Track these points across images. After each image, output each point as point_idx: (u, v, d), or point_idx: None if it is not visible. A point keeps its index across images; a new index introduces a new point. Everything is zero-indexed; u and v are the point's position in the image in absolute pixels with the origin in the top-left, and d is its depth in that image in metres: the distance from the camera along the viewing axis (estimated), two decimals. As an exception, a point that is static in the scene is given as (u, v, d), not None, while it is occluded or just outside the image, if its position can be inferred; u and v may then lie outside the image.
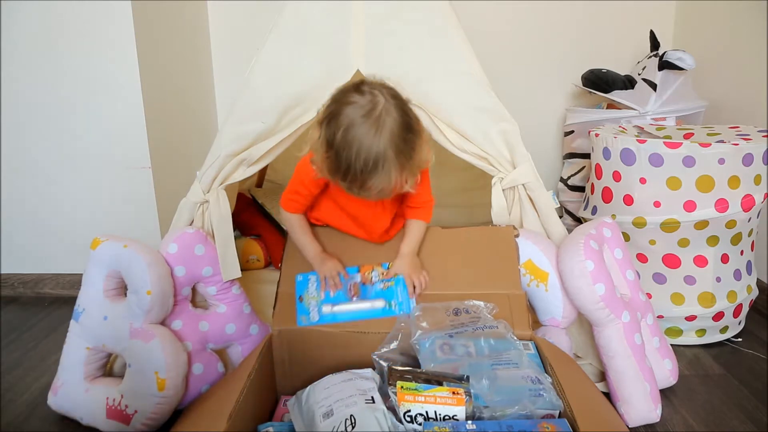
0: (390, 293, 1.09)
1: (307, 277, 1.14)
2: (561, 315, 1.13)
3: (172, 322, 1.10)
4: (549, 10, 2.00)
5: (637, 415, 1.05)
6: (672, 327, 1.37)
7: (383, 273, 1.12)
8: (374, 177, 0.90)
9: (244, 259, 1.60)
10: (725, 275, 1.34)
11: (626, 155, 1.31)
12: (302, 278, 1.14)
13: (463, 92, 1.23)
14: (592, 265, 1.05)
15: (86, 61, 1.55)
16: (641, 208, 1.31)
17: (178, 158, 1.77)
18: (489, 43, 1.82)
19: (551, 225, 1.22)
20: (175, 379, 1.02)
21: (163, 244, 1.13)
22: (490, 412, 0.84)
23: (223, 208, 1.20)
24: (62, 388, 1.10)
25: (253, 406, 0.92)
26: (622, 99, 1.73)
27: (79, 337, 1.11)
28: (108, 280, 1.11)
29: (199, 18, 1.97)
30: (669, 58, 1.66)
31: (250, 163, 1.22)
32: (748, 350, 1.36)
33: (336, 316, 1.07)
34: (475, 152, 1.22)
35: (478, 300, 1.07)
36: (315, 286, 1.12)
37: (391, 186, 0.93)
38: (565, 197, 1.96)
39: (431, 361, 0.94)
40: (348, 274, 1.13)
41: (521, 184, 1.20)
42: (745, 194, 1.26)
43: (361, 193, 0.94)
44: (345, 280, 1.12)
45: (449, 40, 1.25)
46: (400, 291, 1.09)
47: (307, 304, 1.09)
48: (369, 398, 0.85)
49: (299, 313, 1.08)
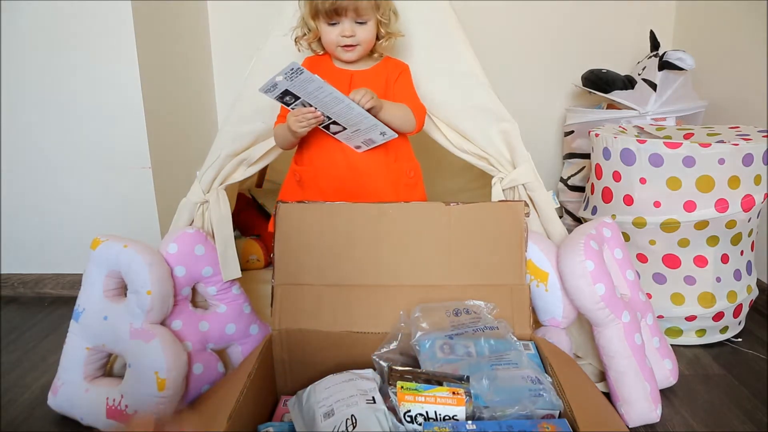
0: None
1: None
2: (561, 315, 1.13)
3: (172, 322, 1.10)
4: (549, 9, 2.00)
5: (637, 415, 1.05)
6: (672, 327, 1.37)
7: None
8: None
9: (244, 259, 1.60)
10: (725, 275, 1.34)
11: (626, 155, 1.31)
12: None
13: (463, 92, 1.23)
14: (592, 265, 1.05)
15: (86, 61, 1.55)
16: (641, 208, 1.31)
17: (178, 158, 1.77)
18: (489, 43, 1.82)
19: (551, 225, 1.22)
20: (175, 379, 1.02)
21: (163, 244, 1.13)
22: (490, 412, 0.84)
23: (223, 208, 1.20)
24: (62, 388, 1.10)
25: (253, 406, 0.92)
26: (622, 99, 1.73)
27: (79, 337, 1.11)
28: (108, 280, 1.11)
29: (199, 18, 1.97)
30: (669, 58, 1.66)
31: (250, 163, 1.22)
32: (748, 350, 1.36)
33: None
34: (475, 152, 1.23)
35: (480, 292, 1.07)
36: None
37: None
38: (565, 197, 1.96)
39: (431, 362, 0.94)
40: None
41: (521, 184, 1.20)
42: (745, 194, 1.26)
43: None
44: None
45: (449, 39, 1.25)
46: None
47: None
48: (370, 398, 0.85)
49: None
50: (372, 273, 1.09)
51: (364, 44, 1.13)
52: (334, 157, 1.17)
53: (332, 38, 1.12)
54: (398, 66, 1.20)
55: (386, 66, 1.19)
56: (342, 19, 1.09)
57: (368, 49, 1.15)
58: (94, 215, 1.67)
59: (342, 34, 1.11)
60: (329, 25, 1.11)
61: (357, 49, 1.13)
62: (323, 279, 1.09)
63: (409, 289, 1.09)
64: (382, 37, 1.15)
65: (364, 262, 1.10)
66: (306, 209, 1.10)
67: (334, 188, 1.17)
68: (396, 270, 1.09)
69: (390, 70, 1.19)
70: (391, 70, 1.19)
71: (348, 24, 1.10)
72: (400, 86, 1.19)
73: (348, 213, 1.10)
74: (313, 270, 1.09)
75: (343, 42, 1.12)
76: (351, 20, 1.10)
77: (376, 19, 1.12)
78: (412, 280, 1.09)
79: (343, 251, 1.10)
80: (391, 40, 1.16)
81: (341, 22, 1.10)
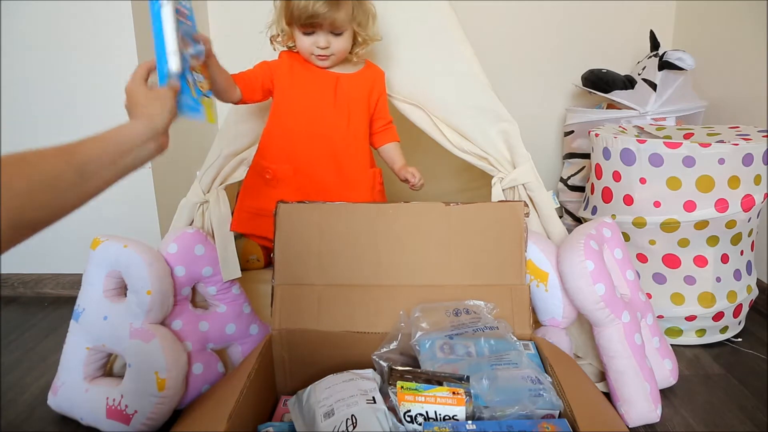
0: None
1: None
2: (561, 315, 1.13)
3: (172, 322, 1.10)
4: (549, 9, 2.00)
5: (637, 415, 1.05)
6: (672, 327, 1.37)
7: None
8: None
9: (244, 259, 1.60)
10: (725, 275, 1.34)
11: (626, 155, 1.31)
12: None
13: (463, 92, 1.23)
14: (592, 265, 1.05)
15: (86, 61, 1.55)
16: (641, 208, 1.31)
17: (178, 158, 1.76)
18: (489, 43, 1.82)
19: (551, 225, 1.22)
20: (175, 379, 1.02)
21: (163, 244, 1.13)
22: (490, 412, 0.84)
23: (223, 208, 1.20)
24: (62, 388, 1.10)
25: (253, 406, 0.92)
26: (622, 99, 1.73)
27: (79, 337, 1.11)
28: (108, 280, 1.11)
29: (199, 18, 1.97)
30: (669, 58, 1.66)
31: (250, 162, 1.22)
32: (748, 350, 1.36)
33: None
34: (475, 152, 1.23)
35: (480, 292, 1.07)
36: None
37: (340, 9, 1.04)
38: (565, 197, 1.96)
39: (431, 362, 0.94)
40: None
41: (521, 184, 1.20)
42: (745, 194, 1.26)
43: (314, 10, 1.02)
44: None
45: (449, 39, 1.25)
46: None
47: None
48: (370, 398, 0.85)
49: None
50: (372, 273, 1.09)
51: (338, 54, 1.12)
52: (319, 155, 1.15)
53: (306, 46, 1.10)
54: (379, 76, 1.20)
55: (369, 71, 1.19)
56: (317, 30, 1.08)
57: (343, 56, 1.14)
58: (94, 215, 1.65)
59: (316, 44, 1.09)
60: (304, 34, 1.09)
61: (331, 58, 1.12)
62: (323, 279, 1.09)
63: (409, 289, 1.09)
64: (360, 44, 1.14)
65: (364, 262, 1.09)
66: (306, 209, 1.10)
67: (316, 191, 1.15)
68: (396, 270, 1.09)
69: (373, 79, 1.19)
70: (374, 78, 1.19)
71: (323, 36, 1.08)
72: (383, 101, 1.21)
73: (348, 213, 1.10)
74: (313, 270, 1.09)
75: (317, 52, 1.10)
76: (326, 32, 1.08)
77: (352, 29, 1.10)
78: (412, 280, 1.09)
79: (343, 251, 1.10)
80: (368, 46, 1.15)
81: (316, 33, 1.08)
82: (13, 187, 0.54)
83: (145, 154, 0.74)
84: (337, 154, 1.16)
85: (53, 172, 0.60)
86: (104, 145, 0.69)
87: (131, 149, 0.71)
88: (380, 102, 1.20)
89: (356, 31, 1.11)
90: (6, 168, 0.55)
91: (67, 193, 0.61)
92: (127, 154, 0.71)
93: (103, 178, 0.66)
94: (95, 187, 0.66)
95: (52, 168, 0.60)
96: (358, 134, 1.17)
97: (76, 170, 0.62)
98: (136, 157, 0.72)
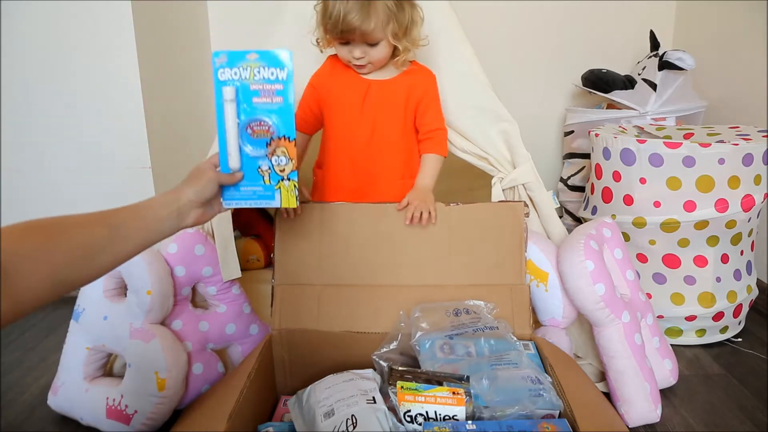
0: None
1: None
2: (561, 315, 1.13)
3: (172, 322, 1.10)
4: (549, 9, 2.00)
5: (637, 415, 1.05)
6: (672, 327, 1.37)
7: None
8: (355, 10, 0.99)
9: (244, 259, 1.60)
10: (725, 275, 1.34)
11: (626, 155, 1.31)
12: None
13: (463, 92, 1.23)
14: (592, 265, 1.05)
15: (86, 61, 1.55)
16: (641, 208, 1.31)
17: (178, 158, 1.77)
18: (489, 43, 1.82)
19: (551, 225, 1.22)
20: (175, 379, 1.02)
21: (163, 244, 1.13)
22: (490, 412, 0.84)
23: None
24: (62, 388, 1.10)
25: (253, 406, 0.92)
26: (622, 99, 1.73)
27: (79, 337, 1.11)
28: (108, 280, 1.11)
29: (199, 18, 1.97)
30: (669, 58, 1.66)
31: (250, 163, 1.22)
32: (748, 350, 1.36)
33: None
34: (475, 152, 1.23)
35: (480, 292, 1.07)
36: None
37: (371, 22, 1.00)
38: (565, 197, 1.96)
39: (431, 362, 0.94)
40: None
41: (521, 184, 1.20)
42: (745, 194, 1.26)
43: (344, 25, 1.00)
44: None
45: (449, 39, 1.25)
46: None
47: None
48: (370, 398, 0.85)
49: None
50: (372, 273, 1.10)
51: (376, 62, 1.09)
52: (342, 163, 1.16)
53: (344, 55, 1.08)
54: (424, 79, 1.15)
55: (410, 76, 1.14)
56: (351, 42, 1.05)
57: (382, 63, 1.11)
58: (94, 215, 1.67)
59: (352, 54, 1.07)
60: (340, 44, 1.07)
61: (368, 66, 1.10)
62: (323, 279, 1.09)
63: (409, 289, 1.09)
64: (401, 51, 1.09)
65: (365, 262, 1.10)
66: (306, 209, 1.10)
67: (335, 199, 1.15)
68: (396, 270, 1.09)
69: (414, 83, 1.13)
70: (416, 82, 1.14)
71: (358, 47, 1.06)
72: (425, 106, 1.14)
73: (348, 213, 1.10)
74: (313, 270, 1.09)
75: (353, 62, 1.08)
76: (360, 43, 1.05)
77: (387, 38, 1.05)
78: (412, 280, 1.09)
79: (344, 251, 1.10)
80: (412, 51, 1.10)
81: (351, 44, 1.06)
82: (54, 251, 0.61)
83: (168, 226, 0.79)
84: (357, 162, 1.15)
85: (90, 236, 0.66)
86: (136, 210, 0.77)
87: (161, 218, 0.78)
88: (420, 107, 1.14)
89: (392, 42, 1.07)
90: (48, 231, 0.63)
91: (102, 256, 0.67)
92: (158, 221, 0.78)
93: (134, 242, 0.73)
94: (127, 252, 0.71)
95: (90, 233, 0.66)
96: (384, 143, 1.14)
97: (110, 233, 0.68)
98: (165, 227, 0.79)
